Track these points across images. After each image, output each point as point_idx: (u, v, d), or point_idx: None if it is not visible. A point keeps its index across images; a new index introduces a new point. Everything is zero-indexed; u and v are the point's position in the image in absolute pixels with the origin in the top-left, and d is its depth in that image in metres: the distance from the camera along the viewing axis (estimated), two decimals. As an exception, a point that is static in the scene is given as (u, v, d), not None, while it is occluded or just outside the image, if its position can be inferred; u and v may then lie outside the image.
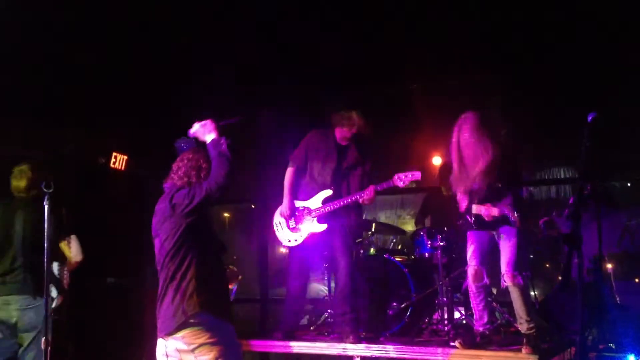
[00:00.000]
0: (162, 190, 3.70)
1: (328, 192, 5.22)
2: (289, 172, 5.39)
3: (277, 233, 5.43)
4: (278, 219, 5.41)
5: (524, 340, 4.57)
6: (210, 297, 3.46)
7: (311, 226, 5.24)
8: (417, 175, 5.03)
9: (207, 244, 3.56)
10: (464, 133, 4.67)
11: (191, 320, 3.39)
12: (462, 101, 7.05)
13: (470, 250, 4.82)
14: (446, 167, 5.07)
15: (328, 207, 5.17)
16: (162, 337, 3.49)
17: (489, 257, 4.78)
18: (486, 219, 4.60)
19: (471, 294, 4.85)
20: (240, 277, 3.92)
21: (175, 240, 3.49)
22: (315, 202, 5.25)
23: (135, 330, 6.95)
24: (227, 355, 3.44)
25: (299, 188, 5.37)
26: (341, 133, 5.28)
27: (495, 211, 4.55)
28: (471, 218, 4.63)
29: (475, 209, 4.62)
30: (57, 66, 6.11)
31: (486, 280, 4.78)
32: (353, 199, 5.13)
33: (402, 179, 5.04)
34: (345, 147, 5.30)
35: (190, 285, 3.43)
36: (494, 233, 4.72)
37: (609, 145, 5.60)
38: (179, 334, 3.40)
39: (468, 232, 4.87)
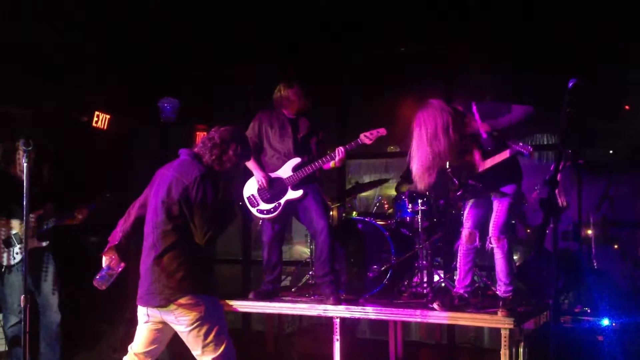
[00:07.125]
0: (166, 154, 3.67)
1: (297, 160, 5.23)
2: None
3: (250, 207, 5.35)
4: (250, 192, 5.36)
5: (501, 303, 4.66)
6: (196, 278, 3.50)
7: (287, 194, 5.25)
8: (382, 131, 5.17)
9: None
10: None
11: (175, 298, 3.45)
12: (448, 66, 7.06)
13: (466, 213, 4.90)
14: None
15: (301, 174, 5.18)
16: (142, 306, 3.58)
17: (483, 222, 4.84)
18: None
19: (461, 254, 4.92)
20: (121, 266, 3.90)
21: (172, 220, 3.49)
22: (286, 171, 5.25)
23: (118, 288, 6.97)
24: (207, 316, 3.49)
25: (264, 163, 5.34)
26: (286, 111, 5.32)
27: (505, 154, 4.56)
28: (477, 183, 4.63)
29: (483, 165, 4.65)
30: (42, 21, 6.02)
31: (477, 243, 4.85)
32: (324, 161, 5.16)
33: (368, 137, 5.18)
34: (296, 119, 5.33)
35: (179, 268, 3.46)
36: (492, 195, 4.75)
37: (590, 112, 5.63)
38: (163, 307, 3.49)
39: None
